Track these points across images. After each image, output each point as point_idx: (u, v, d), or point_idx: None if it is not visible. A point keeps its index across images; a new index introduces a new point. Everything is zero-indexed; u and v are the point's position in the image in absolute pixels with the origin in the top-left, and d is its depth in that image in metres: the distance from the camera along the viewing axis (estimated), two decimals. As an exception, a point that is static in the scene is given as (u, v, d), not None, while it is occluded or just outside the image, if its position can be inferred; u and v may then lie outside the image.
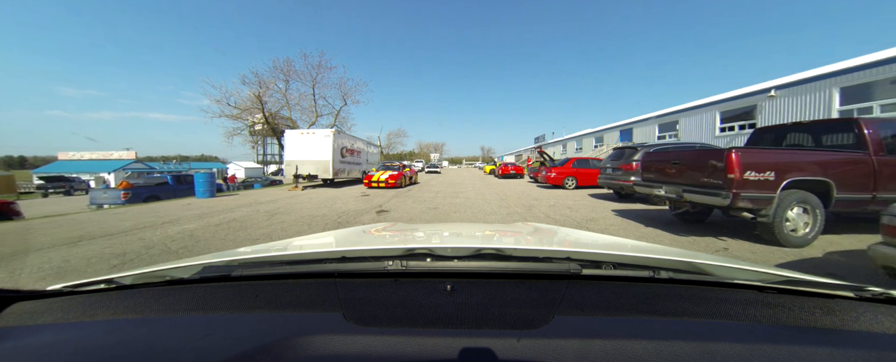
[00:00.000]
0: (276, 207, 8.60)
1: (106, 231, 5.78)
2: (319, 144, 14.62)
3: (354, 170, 17.68)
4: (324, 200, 10.21)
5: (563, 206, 8.56)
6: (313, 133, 14.75)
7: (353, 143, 17.50)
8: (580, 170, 13.70)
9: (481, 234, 1.70)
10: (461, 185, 16.43)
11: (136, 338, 0.67)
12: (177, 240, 5.00)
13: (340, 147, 15.61)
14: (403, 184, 14.94)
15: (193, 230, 5.77)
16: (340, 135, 15.78)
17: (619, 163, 9.15)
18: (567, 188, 13.54)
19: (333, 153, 14.64)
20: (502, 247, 0.93)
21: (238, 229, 5.84)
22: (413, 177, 17.18)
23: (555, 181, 13.63)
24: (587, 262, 0.89)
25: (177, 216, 7.31)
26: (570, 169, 13.70)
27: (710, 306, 0.76)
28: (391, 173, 14.47)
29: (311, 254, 1.02)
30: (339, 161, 15.54)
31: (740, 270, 0.88)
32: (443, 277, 0.88)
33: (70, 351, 0.63)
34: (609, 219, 6.70)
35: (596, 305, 0.76)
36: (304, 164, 14.67)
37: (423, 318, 0.72)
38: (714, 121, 17.76)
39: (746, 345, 0.61)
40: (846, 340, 0.65)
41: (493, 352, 0.60)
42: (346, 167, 16.43)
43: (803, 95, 13.37)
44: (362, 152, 18.95)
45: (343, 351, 0.61)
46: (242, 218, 7.01)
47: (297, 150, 14.78)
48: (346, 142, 16.31)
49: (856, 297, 0.78)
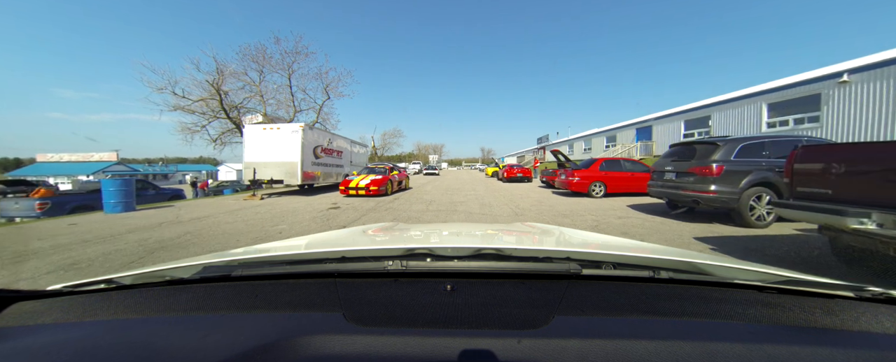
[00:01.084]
0: (183, 232, 5.79)
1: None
2: (285, 142, 11.83)
3: (335, 172, 14.89)
4: (271, 217, 7.42)
5: (611, 226, 5.80)
6: (277, 128, 11.96)
7: (332, 141, 14.68)
8: (610, 173, 10.93)
9: (481, 234, 1.70)
10: (461, 192, 13.67)
11: (136, 338, 0.67)
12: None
13: (314, 145, 12.81)
14: (389, 190, 12.15)
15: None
16: (314, 131, 12.98)
17: (687, 164, 6.36)
18: (594, 196, 10.78)
19: (303, 152, 11.85)
20: (502, 247, 0.92)
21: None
22: (403, 183, 14.39)
23: (578, 187, 10.84)
24: (587, 262, 0.88)
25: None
26: (597, 172, 10.92)
27: (710, 306, 0.75)
28: (374, 178, 11.70)
29: (310, 253, 1.02)
30: (313, 162, 12.75)
31: (740, 270, 0.88)
32: (443, 277, 0.87)
33: (70, 351, 0.63)
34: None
35: (596, 305, 0.76)
36: (266, 167, 11.89)
37: (423, 318, 0.71)
38: (759, 115, 15.02)
39: (746, 345, 0.61)
40: (846, 340, 0.65)
41: (493, 353, 0.60)
42: (322, 169, 13.63)
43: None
44: (345, 152, 16.15)
45: (343, 351, 0.61)
46: (93, 258, 4.21)
47: (257, 150, 12.00)
48: (321, 139, 13.50)
49: (856, 297, 0.77)
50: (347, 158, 16.43)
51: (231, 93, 17.46)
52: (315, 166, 12.99)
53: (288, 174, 11.81)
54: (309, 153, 12.40)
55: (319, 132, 13.61)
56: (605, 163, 11.15)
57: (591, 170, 10.97)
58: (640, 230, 5.67)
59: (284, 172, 11.82)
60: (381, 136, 60.49)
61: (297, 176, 11.77)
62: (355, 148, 17.77)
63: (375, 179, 11.60)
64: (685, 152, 6.68)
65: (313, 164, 12.82)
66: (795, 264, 3.55)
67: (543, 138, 51.77)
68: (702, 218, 6.56)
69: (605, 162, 11.21)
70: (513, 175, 21.07)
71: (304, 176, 12.02)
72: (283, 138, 11.87)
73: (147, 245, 4.83)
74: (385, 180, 11.81)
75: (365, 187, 11.19)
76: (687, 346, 0.61)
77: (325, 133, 14.21)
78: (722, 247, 4.37)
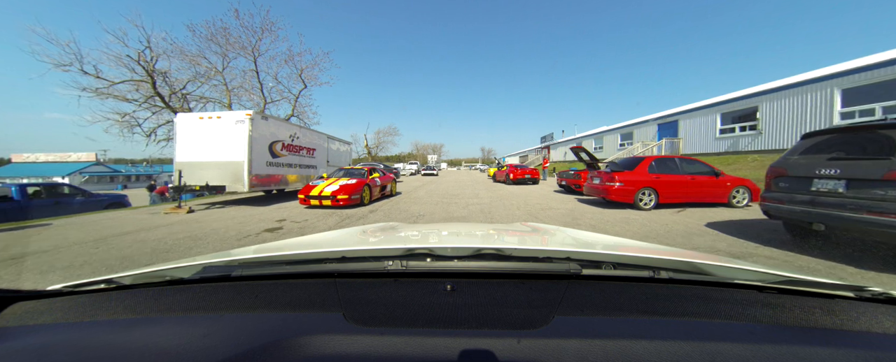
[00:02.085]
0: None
1: None
2: (227, 135, 8.94)
3: (307, 174, 12.00)
4: (174, 243, 4.51)
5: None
6: (217, 117, 9.05)
7: (300, 136, 11.75)
8: (663, 177, 8.05)
9: (481, 234, 1.68)
10: (460, 200, 10.80)
11: (136, 338, 0.67)
12: None
13: (270, 140, 9.91)
14: (366, 199, 9.25)
15: None
16: (271, 122, 10.05)
17: (877, 167, 3.45)
18: (642, 208, 7.90)
19: (252, 149, 8.96)
20: (502, 247, 0.92)
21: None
22: (388, 188, 11.48)
23: (620, 195, 7.95)
24: (587, 262, 0.88)
25: None
26: (645, 175, 8.03)
27: (710, 306, 0.75)
28: (345, 183, 8.81)
29: (311, 254, 0.99)
30: (269, 162, 9.86)
31: (740, 270, 0.87)
32: (443, 277, 0.87)
33: (70, 351, 0.63)
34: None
35: (596, 305, 0.76)
36: (202, 169, 8.99)
37: (423, 318, 0.71)
38: (829, 103, 12.15)
39: (746, 345, 0.62)
40: (846, 340, 0.65)
41: (493, 353, 0.60)
42: (285, 171, 10.74)
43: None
44: (320, 150, 13.25)
45: (343, 351, 0.61)
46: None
47: (191, 146, 9.10)
48: (281, 132, 10.58)
49: (856, 297, 0.77)
50: (322, 157, 13.52)
51: (176, 78, 14.28)
52: (273, 167, 10.09)
53: (231, 178, 8.91)
54: (262, 150, 9.50)
55: (279, 123, 10.66)
56: (656, 164, 8.25)
57: (638, 173, 8.08)
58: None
59: (227, 175, 8.92)
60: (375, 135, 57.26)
61: (242, 180, 8.87)
62: (334, 144, 14.85)
63: (346, 185, 8.70)
64: (863, 144, 3.77)
65: (270, 165, 9.92)
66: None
67: (548, 137, 48.98)
68: (872, 258, 3.66)
69: (657, 162, 8.30)
70: (520, 176, 18.27)
71: (255, 181, 9.12)
72: (225, 130, 8.97)
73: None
74: (360, 186, 8.91)
75: (331, 195, 8.29)
76: (687, 346, 0.61)
77: (286, 124, 11.24)
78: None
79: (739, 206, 8.33)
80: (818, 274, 3.53)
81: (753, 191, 8.42)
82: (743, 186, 8.38)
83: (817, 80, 12.65)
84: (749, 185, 8.44)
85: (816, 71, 13.21)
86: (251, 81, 16.37)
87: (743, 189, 8.39)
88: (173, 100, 14.29)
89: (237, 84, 16.09)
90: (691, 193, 8.17)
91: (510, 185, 18.07)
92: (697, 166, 8.48)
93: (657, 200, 8.01)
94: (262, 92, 16.48)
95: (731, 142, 16.54)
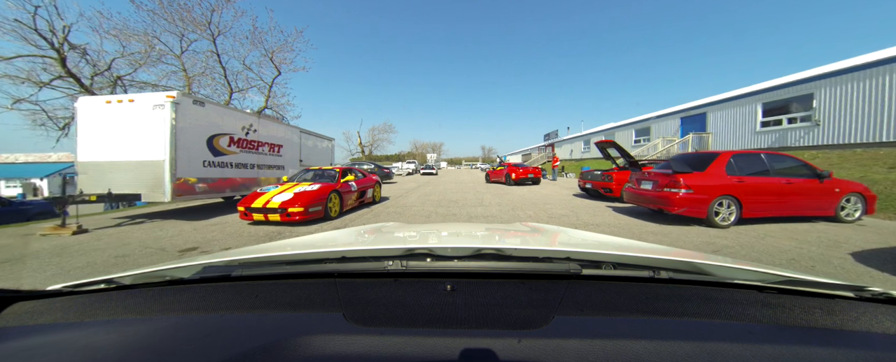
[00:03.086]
0: None
1: None
2: (142, 126, 6.56)
3: (271, 177, 9.62)
4: None
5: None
6: (130, 100, 6.63)
7: (259, 129, 9.35)
8: (748, 181, 5.67)
9: (481, 234, 1.67)
10: (461, 206, 8.44)
11: (136, 338, 0.66)
12: None
13: (209, 133, 7.53)
14: (335, 210, 6.90)
15: None
16: (208, 109, 7.52)
17: None
18: (720, 224, 5.54)
19: (177, 145, 6.59)
20: (502, 247, 0.91)
21: None
22: (369, 193, 9.10)
23: (688, 206, 5.57)
24: (587, 262, 0.88)
25: None
26: (723, 178, 5.65)
27: (709, 306, 0.75)
28: (302, 190, 6.46)
29: (310, 254, 0.99)
30: (209, 162, 7.49)
31: (740, 270, 0.88)
32: (443, 277, 0.86)
33: (70, 351, 0.63)
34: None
35: (596, 305, 0.75)
36: (112, 170, 6.62)
37: (423, 318, 0.71)
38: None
39: (746, 345, 0.61)
40: (846, 340, 0.65)
41: (493, 353, 0.60)
42: (235, 174, 8.36)
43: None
44: (289, 146, 10.86)
45: (343, 351, 0.61)
46: None
47: (98, 140, 6.73)
48: (229, 122, 8.16)
49: (856, 297, 0.77)
50: (293, 155, 11.13)
51: (112, 58, 11.52)
52: (216, 169, 7.71)
53: (148, 183, 6.53)
54: (195, 145, 7.12)
55: (224, 111, 8.22)
56: (736, 161, 5.85)
57: (712, 174, 5.69)
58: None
59: (142, 180, 6.55)
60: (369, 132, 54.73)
61: (163, 187, 6.49)
62: (309, 140, 12.44)
63: (304, 193, 6.33)
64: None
65: (210, 166, 7.54)
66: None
67: (552, 134, 46.65)
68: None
69: (737, 158, 5.89)
70: (523, 176, 16.41)
71: (183, 187, 6.74)
72: (139, 119, 6.58)
73: None
74: (323, 193, 6.54)
75: (281, 208, 5.93)
76: (687, 346, 0.61)
77: (238, 114, 8.84)
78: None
79: (849, 221, 5.97)
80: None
81: (868, 200, 6.06)
82: (856, 193, 6.01)
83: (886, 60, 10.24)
84: (863, 191, 6.07)
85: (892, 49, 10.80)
86: (217, 67, 13.88)
87: (856, 197, 6.02)
88: (101, 86, 11.66)
89: (199, 71, 13.68)
90: (786, 204, 5.80)
91: (511, 186, 15.86)
92: (790, 164, 6.10)
93: (739, 214, 5.64)
94: (226, 78, 13.98)
95: (776, 137, 14.15)
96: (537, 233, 1.74)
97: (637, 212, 7.29)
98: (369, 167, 19.46)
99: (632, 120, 26.02)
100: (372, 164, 19.67)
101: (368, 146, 51.96)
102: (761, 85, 15.27)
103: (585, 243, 1.47)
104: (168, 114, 6.46)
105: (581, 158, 33.24)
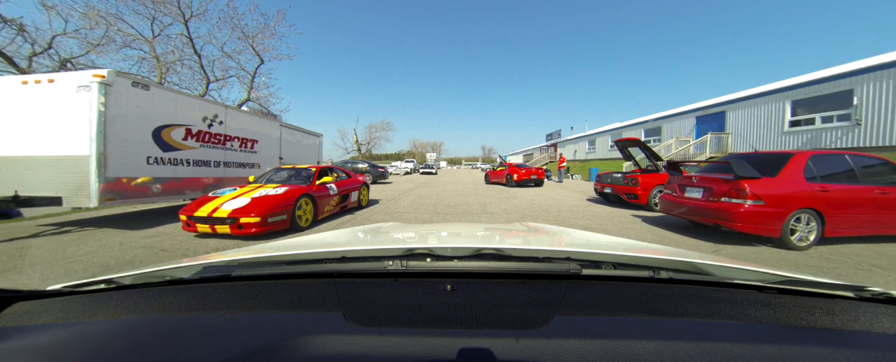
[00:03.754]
0: None
1: None
2: (64, 112, 5.24)
3: (235, 176, 8.30)
4: None
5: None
6: (50, 81, 5.28)
7: (226, 120, 8.01)
8: (834, 189, 4.38)
9: (481, 234, 1.67)
10: (461, 212, 7.14)
11: (136, 338, 0.66)
12: None
13: (157, 124, 6.20)
14: (305, 219, 5.63)
15: None
16: (153, 93, 5.98)
17: None
18: (798, 246, 4.25)
19: (107, 135, 5.27)
20: (502, 247, 0.91)
21: None
22: (354, 196, 7.78)
23: (756, 222, 4.28)
24: (587, 262, 0.87)
25: None
26: (801, 185, 4.35)
27: (709, 306, 0.75)
28: (263, 194, 5.16)
29: (310, 254, 0.99)
30: (156, 159, 6.18)
31: (740, 270, 0.87)
32: (443, 277, 0.86)
33: (70, 351, 0.63)
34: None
35: (596, 305, 0.75)
36: (24, 166, 5.31)
37: (423, 318, 0.71)
38: None
39: (746, 345, 0.61)
40: (846, 340, 0.65)
41: (492, 353, 0.59)
42: (193, 173, 7.05)
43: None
44: (265, 142, 9.53)
45: (343, 351, 0.61)
46: None
47: (8, 130, 5.40)
48: (185, 111, 6.77)
49: (856, 297, 0.77)
50: (271, 151, 9.80)
51: (59, 38, 10.02)
52: (167, 167, 6.40)
53: (70, 184, 5.22)
54: (137, 138, 5.81)
55: (181, 98, 6.80)
56: (815, 163, 4.56)
57: (786, 181, 4.40)
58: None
59: (62, 180, 5.23)
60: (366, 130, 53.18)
61: (89, 189, 5.17)
62: (292, 135, 11.09)
63: (265, 197, 5.03)
64: None
65: (157, 164, 6.22)
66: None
67: (554, 134, 45.42)
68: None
69: (816, 160, 4.59)
70: (526, 177, 15.22)
71: (114, 190, 5.42)
72: (61, 103, 5.27)
73: None
74: (291, 197, 5.24)
75: (231, 217, 4.63)
76: (687, 346, 0.60)
77: (197, 101, 7.41)
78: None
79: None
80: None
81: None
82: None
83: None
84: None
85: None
86: (192, 54, 12.49)
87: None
88: (48, 69, 10.20)
89: (176, 58, 12.31)
90: (881, 219, 4.51)
91: (513, 188, 14.63)
92: (879, 167, 4.81)
93: (820, 231, 4.35)
94: (202, 66, 12.60)
95: (809, 137, 12.87)
96: (537, 232, 1.75)
97: (675, 225, 6.00)
98: (363, 166, 18.17)
99: (641, 119, 24.72)
100: (366, 163, 18.33)
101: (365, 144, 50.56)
102: (790, 80, 13.99)
103: (585, 243, 1.48)
104: (95, 99, 5.14)
105: (585, 159, 31.94)
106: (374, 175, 17.82)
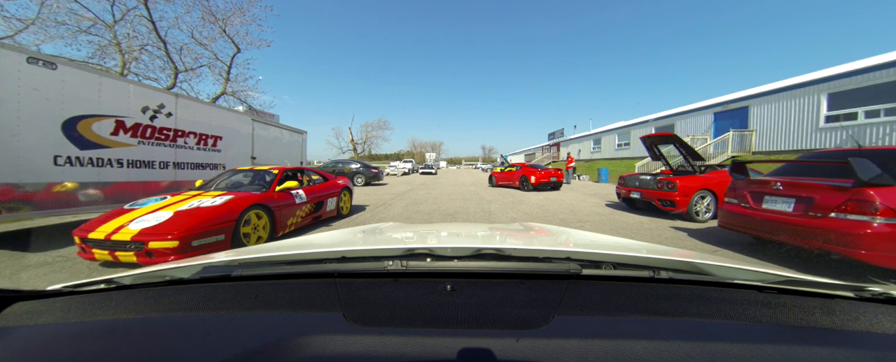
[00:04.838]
0: None
1: None
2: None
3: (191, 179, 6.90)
4: None
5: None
6: None
7: (177, 111, 6.61)
8: None
9: (481, 234, 1.67)
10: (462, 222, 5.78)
11: (136, 338, 0.66)
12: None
13: (68, 113, 4.83)
14: (257, 236, 4.23)
15: None
16: (62, 72, 4.58)
17: None
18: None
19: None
20: (502, 247, 0.91)
21: None
22: (331, 204, 6.40)
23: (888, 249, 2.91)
24: (587, 262, 0.88)
25: None
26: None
27: (710, 306, 0.75)
28: (194, 206, 3.78)
29: (310, 253, 0.99)
30: (68, 158, 4.82)
31: (740, 270, 0.87)
32: (443, 277, 0.86)
33: (70, 351, 0.62)
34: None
35: (596, 305, 0.75)
36: None
37: (423, 318, 0.71)
38: None
39: (746, 345, 0.61)
40: (846, 340, 0.65)
41: (492, 353, 0.59)
42: (121, 177, 5.66)
43: None
44: (232, 138, 8.14)
45: (343, 351, 0.61)
46: None
47: None
48: (109, 96, 5.34)
49: (856, 297, 0.77)
50: (238, 150, 8.41)
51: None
52: (85, 169, 5.02)
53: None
54: (37, 131, 4.44)
55: (106, 80, 5.43)
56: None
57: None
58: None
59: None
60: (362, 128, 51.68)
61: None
62: (267, 131, 9.69)
63: (194, 210, 3.66)
64: None
65: (72, 164, 4.85)
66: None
67: (557, 133, 44.15)
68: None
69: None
70: (544, 179, 13.31)
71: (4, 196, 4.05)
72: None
73: None
74: (232, 210, 3.88)
75: (136, 241, 3.25)
76: (687, 346, 0.60)
77: (137, 87, 6.00)
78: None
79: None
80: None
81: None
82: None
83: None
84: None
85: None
86: (166, 41, 11.07)
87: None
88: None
89: (138, 45, 10.92)
90: None
91: (528, 192, 13.05)
92: None
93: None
94: (168, 54, 11.16)
95: (849, 134, 11.51)
96: (537, 232, 1.75)
97: (742, 244, 4.62)
98: (355, 166, 16.80)
99: (651, 116, 23.35)
100: (359, 164, 16.96)
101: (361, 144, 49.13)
102: (826, 71, 12.62)
103: (585, 243, 1.49)
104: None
105: (591, 158, 30.58)
106: (367, 176, 16.46)
